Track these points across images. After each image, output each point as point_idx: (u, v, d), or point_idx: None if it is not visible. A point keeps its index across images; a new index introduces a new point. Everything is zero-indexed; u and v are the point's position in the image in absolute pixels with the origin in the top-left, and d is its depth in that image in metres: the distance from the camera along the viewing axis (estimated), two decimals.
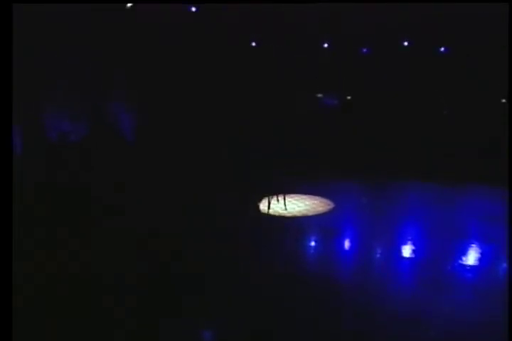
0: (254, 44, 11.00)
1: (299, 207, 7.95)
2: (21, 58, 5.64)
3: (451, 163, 9.80)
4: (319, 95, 11.50)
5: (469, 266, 5.21)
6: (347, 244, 6.31)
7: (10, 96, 3.41)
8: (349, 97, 11.46)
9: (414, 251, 5.76)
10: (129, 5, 7.62)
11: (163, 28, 9.03)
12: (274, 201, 8.00)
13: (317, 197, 8.49)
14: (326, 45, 11.01)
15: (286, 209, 7.72)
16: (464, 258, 5.45)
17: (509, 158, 7.32)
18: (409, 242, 6.09)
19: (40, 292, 4.35)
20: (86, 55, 8.24)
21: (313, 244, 6.21)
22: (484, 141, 10.06)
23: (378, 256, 5.64)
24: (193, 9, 9.01)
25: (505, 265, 5.21)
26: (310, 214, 7.57)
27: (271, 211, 7.56)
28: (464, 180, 9.21)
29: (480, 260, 5.42)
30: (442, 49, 10.73)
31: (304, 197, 8.56)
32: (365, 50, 11.04)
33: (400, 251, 5.72)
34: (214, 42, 10.03)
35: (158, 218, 6.88)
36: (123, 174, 8.23)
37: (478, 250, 5.72)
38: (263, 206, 7.81)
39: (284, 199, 7.99)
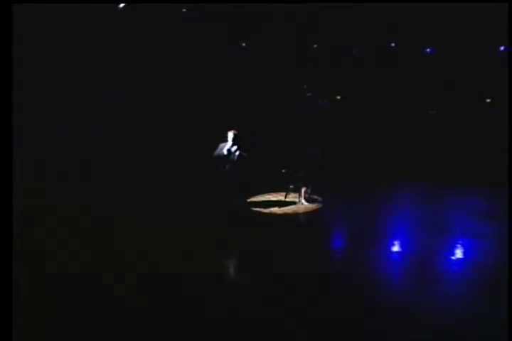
0: (244, 44, 11.07)
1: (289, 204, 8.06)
2: (21, 58, 5.61)
3: (444, 162, 10.00)
4: (309, 94, 11.64)
5: (458, 259, 5.41)
6: (337, 240, 6.45)
7: (10, 96, 3.43)
8: (339, 97, 11.62)
9: (403, 246, 5.93)
10: (121, 5, 7.60)
11: (158, 29, 9.03)
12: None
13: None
14: (316, 46, 11.15)
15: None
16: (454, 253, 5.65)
17: (509, 158, 7.49)
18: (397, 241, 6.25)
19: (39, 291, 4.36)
20: (84, 55, 8.20)
21: (303, 240, 6.27)
22: (474, 140, 10.32)
23: (368, 251, 5.74)
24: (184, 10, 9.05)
25: (492, 259, 5.38)
26: (300, 211, 7.70)
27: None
28: (456, 180, 9.40)
29: (468, 254, 5.62)
30: (428, 50, 10.96)
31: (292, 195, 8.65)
32: (355, 50, 11.21)
33: (389, 247, 5.88)
34: (205, 42, 10.06)
35: (156, 217, 6.87)
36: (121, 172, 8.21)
37: (467, 245, 5.92)
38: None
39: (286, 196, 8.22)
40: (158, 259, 5.19)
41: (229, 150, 6.45)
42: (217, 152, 6.52)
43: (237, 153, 6.44)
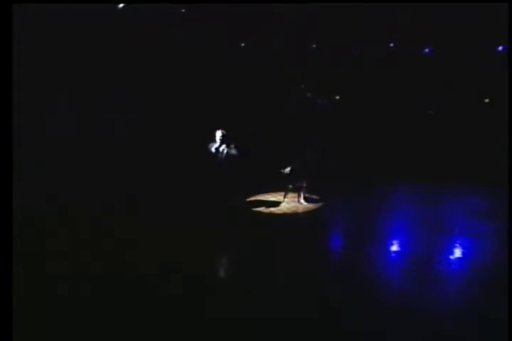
0: (243, 44, 11.10)
1: (288, 204, 8.07)
2: (21, 58, 5.62)
3: (444, 162, 10.01)
4: (308, 94, 11.65)
5: (458, 259, 5.42)
6: (337, 240, 6.47)
7: (10, 96, 3.43)
8: (338, 97, 11.63)
9: (403, 245, 5.94)
10: (120, 5, 7.61)
11: (158, 29, 9.04)
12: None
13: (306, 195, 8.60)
14: (314, 46, 11.17)
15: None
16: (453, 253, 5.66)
17: (509, 158, 7.48)
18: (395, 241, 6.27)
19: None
20: (84, 55, 8.22)
21: (303, 240, 6.27)
22: (474, 140, 10.34)
23: (368, 251, 5.75)
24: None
25: (492, 259, 5.39)
26: (300, 211, 7.71)
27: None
28: (456, 180, 9.40)
29: (468, 254, 5.63)
30: (426, 50, 10.99)
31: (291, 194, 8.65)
32: (354, 50, 11.24)
33: (389, 247, 5.89)
34: (204, 42, 10.08)
35: (153, 216, 6.88)
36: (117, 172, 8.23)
37: (467, 245, 5.93)
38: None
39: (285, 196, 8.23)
40: (158, 259, 5.20)
41: (217, 149, 6.51)
42: (208, 151, 6.60)
43: (225, 151, 6.49)
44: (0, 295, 2.90)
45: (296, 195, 8.23)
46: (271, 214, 7.48)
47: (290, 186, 8.14)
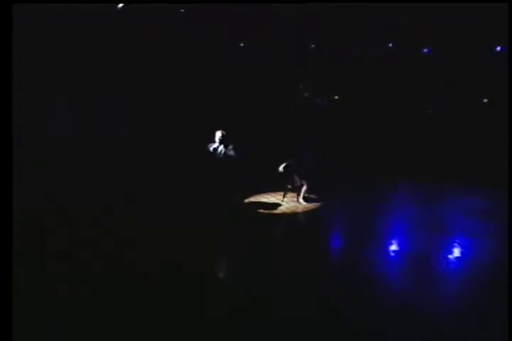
0: (242, 44, 11.11)
1: (287, 204, 8.07)
2: (21, 58, 5.62)
3: (444, 162, 10.01)
4: (307, 94, 11.66)
5: (458, 259, 5.43)
6: (337, 240, 6.47)
7: (10, 96, 3.43)
8: (336, 97, 11.64)
9: (403, 245, 5.95)
10: (120, 5, 7.62)
11: (158, 29, 9.05)
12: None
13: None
14: (313, 46, 11.18)
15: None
16: (453, 253, 5.66)
17: (509, 158, 7.47)
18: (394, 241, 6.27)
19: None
20: (84, 55, 8.23)
21: (302, 239, 6.27)
22: (474, 140, 10.35)
23: (368, 250, 5.75)
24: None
25: (492, 258, 5.39)
26: (299, 211, 7.71)
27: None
28: (456, 180, 9.39)
29: (467, 254, 5.63)
30: (425, 50, 11.00)
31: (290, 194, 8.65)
32: (354, 50, 11.26)
33: (389, 246, 5.89)
34: (203, 43, 10.08)
35: (152, 216, 6.88)
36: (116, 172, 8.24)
37: (467, 245, 5.93)
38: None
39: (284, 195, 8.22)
40: (158, 259, 5.20)
41: (215, 149, 6.54)
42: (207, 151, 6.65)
43: (223, 151, 6.52)
44: (0, 295, 2.90)
45: (295, 194, 8.23)
46: (270, 214, 7.48)
47: (289, 186, 8.14)
